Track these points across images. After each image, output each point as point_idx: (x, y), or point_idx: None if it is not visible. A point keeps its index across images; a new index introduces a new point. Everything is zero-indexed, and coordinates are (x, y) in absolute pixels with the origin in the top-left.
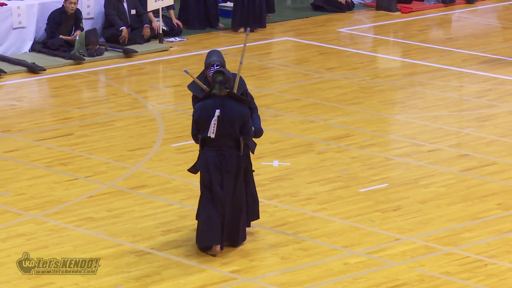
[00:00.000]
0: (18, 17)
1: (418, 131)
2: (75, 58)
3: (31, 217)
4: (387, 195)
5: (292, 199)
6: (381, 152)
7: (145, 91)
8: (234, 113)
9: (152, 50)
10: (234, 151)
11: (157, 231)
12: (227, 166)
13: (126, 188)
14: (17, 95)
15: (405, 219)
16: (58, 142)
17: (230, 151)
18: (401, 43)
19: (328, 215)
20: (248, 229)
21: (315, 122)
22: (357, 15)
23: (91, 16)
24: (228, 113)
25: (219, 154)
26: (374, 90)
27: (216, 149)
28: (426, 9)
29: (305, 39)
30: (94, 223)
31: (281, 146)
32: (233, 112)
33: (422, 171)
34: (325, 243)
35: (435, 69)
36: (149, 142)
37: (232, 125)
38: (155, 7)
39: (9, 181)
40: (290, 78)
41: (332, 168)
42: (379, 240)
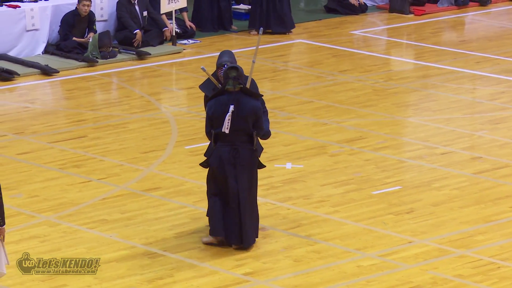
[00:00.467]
0: (31, 19)
1: (431, 133)
2: (88, 60)
3: (44, 219)
4: (400, 198)
5: (305, 201)
6: (394, 154)
7: (158, 93)
8: (248, 108)
9: (165, 53)
10: (248, 146)
11: (170, 233)
12: (240, 160)
13: (139, 190)
14: (31, 97)
15: (418, 221)
16: (72, 144)
17: (243, 146)
18: (414, 46)
19: (341, 218)
20: (260, 231)
21: (328, 125)
22: (370, 18)
23: (105, 18)
24: (242, 108)
25: (233, 149)
26: (387, 92)
27: (229, 144)
28: (440, 11)
29: (318, 41)
30: (107, 225)
31: (294, 148)
32: (247, 107)
33: (435, 173)
34: (338, 246)
35: (448, 72)
36: (162, 144)
37: (246, 120)
38: (168, 9)
39: (22, 183)
40: (303, 80)
41: (345, 171)
42: (392, 243)
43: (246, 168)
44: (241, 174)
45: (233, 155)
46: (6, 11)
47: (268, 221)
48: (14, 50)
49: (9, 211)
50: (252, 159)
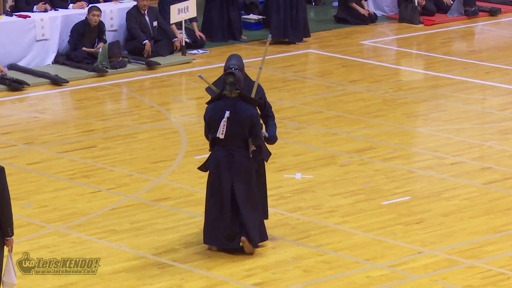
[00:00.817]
0: (41, 29)
1: (441, 143)
2: (98, 70)
3: (54, 229)
4: (410, 208)
5: (314, 211)
6: (404, 164)
7: (168, 103)
8: (244, 114)
9: (175, 63)
10: (243, 151)
11: (179, 244)
12: (236, 165)
13: (148, 200)
14: (40, 107)
15: (428, 232)
16: (81, 154)
17: (239, 151)
18: (424, 56)
19: (351, 228)
20: (270, 241)
21: (338, 135)
22: (380, 28)
23: (114, 28)
24: (238, 114)
25: (229, 154)
26: (397, 102)
27: (225, 148)
28: (449, 21)
29: (328, 51)
30: (116, 235)
31: (303, 158)
32: (243, 113)
33: (445, 184)
34: (348, 256)
35: (458, 82)
36: (172, 154)
37: (241, 126)
38: (178, 19)
39: (32, 193)
40: (313, 90)
41: (355, 181)
42: (401, 253)
43: (241, 173)
44: (236, 178)
45: (229, 160)
46: (16, 21)
47: (278, 231)
48: (24, 60)
49: (18, 221)
50: (248, 164)
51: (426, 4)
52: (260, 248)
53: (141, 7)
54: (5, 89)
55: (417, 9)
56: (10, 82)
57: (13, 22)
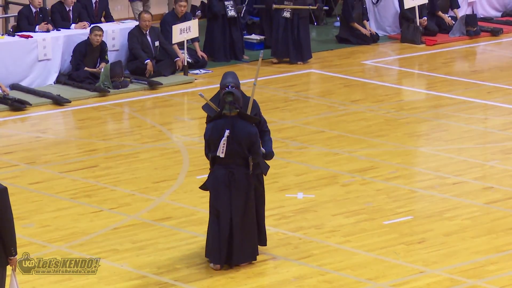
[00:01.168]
0: (43, 49)
1: (443, 163)
2: (100, 90)
3: (56, 248)
4: (412, 228)
5: (316, 231)
6: (406, 184)
7: (170, 123)
8: (243, 133)
9: (177, 82)
10: (243, 170)
11: (181, 263)
12: (236, 183)
13: (150, 220)
14: (42, 127)
15: (430, 251)
16: (83, 174)
17: (239, 169)
18: (426, 76)
19: (353, 248)
20: (272, 261)
21: (339, 154)
22: (382, 48)
23: (116, 48)
24: (237, 133)
25: (229, 172)
26: (399, 122)
27: (225, 167)
28: (451, 41)
29: (330, 71)
30: (118, 255)
31: (305, 178)
32: (242, 132)
33: (447, 203)
34: (350, 276)
35: (460, 102)
36: (173, 174)
37: (241, 144)
38: (180, 39)
39: (34, 212)
40: (314, 110)
41: (357, 201)
42: (403, 273)
43: (241, 191)
44: (236, 197)
45: (228, 178)
46: (18, 41)
47: (280, 251)
48: (26, 80)
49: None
50: (248, 183)
51: (428, 24)
52: (262, 267)
53: (143, 27)
54: (7, 109)
55: (419, 29)
56: (12, 102)
57: (15, 42)
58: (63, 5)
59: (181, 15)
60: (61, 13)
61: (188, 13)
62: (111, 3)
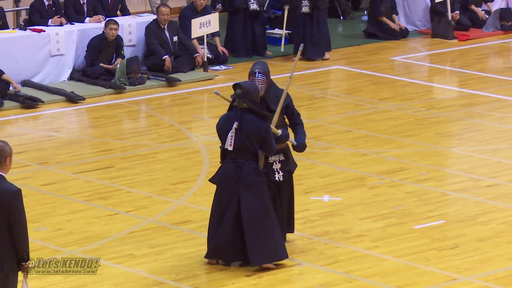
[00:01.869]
0: (56, 44)
1: (476, 165)
2: (115, 87)
3: (69, 253)
4: (444, 232)
5: (343, 236)
6: (437, 187)
7: (189, 121)
8: (251, 127)
9: (197, 79)
10: (253, 164)
11: (201, 269)
12: (243, 178)
13: (168, 223)
14: (55, 125)
15: (463, 257)
16: (98, 175)
17: (248, 164)
18: (458, 73)
19: (381, 253)
20: (297, 267)
21: (367, 155)
22: (411, 43)
23: (133, 43)
24: (245, 127)
25: (237, 167)
26: (430, 121)
27: (234, 161)
28: (485, 36)
29: (357, 67)
30: (135, 260)
31: (331, 180)
32: (250, 127)
33: (481, 207)
34: (378, 283)
35: (494, 100)
36: (193, 175)
37: (249, 139)
38: (200, 34)
39: (46, 215)
40: (341, 108)
41: (386, 204)
42: (435, 280)
43: (249, 187)
44: (244, 193)
45: (236, 173)
46: (30, 36)
47: (305, 257)
48: (39, 76)
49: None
50: (257, 178)
51: (460, 19)
52: (287, 274)
53: (161, 22)
54: (18, 107)
55: (451, 24)
56: (24, 99)
57: (27, 37)
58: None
59: (200, 8)
60: (75, 6)
61: (208, 7)
62: None
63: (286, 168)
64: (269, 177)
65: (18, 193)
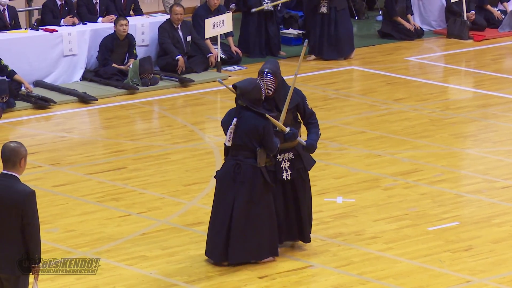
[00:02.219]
0: (69, 44)
1: (492, 166)
2: (128, 88)
3: (81, 254)
4: (458, 234)
5: (356, 237)
6: (452, 188)
7: (202, 122)
8: (249, 125)
9: (210, 79)
10: (250, 162)
11: (214, 271)
12: (241, 176)
13: (181, 225)
14: (68, 126)
15: (477, 259)
16: (110, 176)
17: (246, 162)
18: (474, 73)
19: (395, 255)
20: (310, 269)
21: (381, 156)
22: (426, 43)
23: (146, 43)
24: (243, 124)
25: (236, 164)
26: (445, 122)
27: (234, 158)
28: (501, 36)
29: (371, 68)
30: (147, 262)
31: (345, 181)
32: (248, 124)
33: (496, 209)
34: (392, 285)
35: (510, 101)
36: (206, 176)
37: (248, 136)
38: (213, 34)
39: (58, 217)
40: (355, 109)
41: (400, 205)
42: (449, 282)
43: (246, 185)
44: (239, 190)
45: (234, 170)
46: (42, 36)
47: (318, 258)
48: (51, 77)
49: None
50: (254, 176)
51: (476, 19)
52: (299, 275)
53: (174, 21)
54: (30, 107)
55: (466, 24)
56: (36, 99)
57: (39, 37)
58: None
59: (214, 8)
60: (88, 6)
61: (222, 6)
62: None
63: (296, 167)
64: (276, 176)
65: (32, 195)
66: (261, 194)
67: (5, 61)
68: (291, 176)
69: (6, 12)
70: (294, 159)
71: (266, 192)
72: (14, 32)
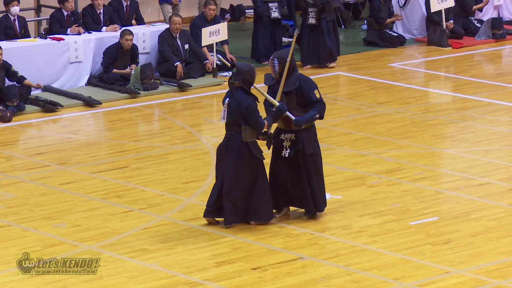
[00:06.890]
0: (75, 52)
1: (469, 165)
2: (130, 92)
3: (87, 248)
4: (438, 228)
5: (343, 231)
6: (432, 185)
7: (199, 124)
8: (235, 102)
9: (206, 84)
10: (238, 137)
11: (210, 263)
12: (229, 149)
13: (180, 220)
14: (74, 128)
15: (456, 252)
16: (114, 174)
17: (235, 136)
18: (452, 78)
19: (379, 248)
20: (300, 261)
21: (367, 156)
22: (408, 50)
23: (147, 50)
24: (233, 102)
25: (228, 138)
26: (426, 124)
27: (228, 133)
28: (477, 44)
29: (357, 73)
30: (148, 254)
31: (333, 179)
32: (235, 102)
33: (473, 204)
34: (377, 276)
35: (486, 104)
36: (203, 175)
37: (236, 113)
38: (209, 42)
39: (65, 212)
40: (342, 112)
41: (384, 202)
42: (429, 273)
43: (231, 155)
44: (227, 161)
45: (226, 143)
46: (50, 44)
47: (307, 251)
48: (58, 82)
49: (52, 240)
50: (240, 150)
51: (454, 27)
52: (290, 267)
53: (173, 31)
54: (39, 111)
55: (446, 32)
56: (44, 103)
57: (47, 45)
58: (94, 8)
59: (210, 18)
60: (92, 16)
61: (218, 16)
62: (142, 6)
63: (295, 148)
64: (277, 152)
65: None
66: (246, 164)
67: (16, 68)
68: (289, 154)
69: (16, 22)
70: (295, 141)
71: (255, 164)
72: (24, 41)
